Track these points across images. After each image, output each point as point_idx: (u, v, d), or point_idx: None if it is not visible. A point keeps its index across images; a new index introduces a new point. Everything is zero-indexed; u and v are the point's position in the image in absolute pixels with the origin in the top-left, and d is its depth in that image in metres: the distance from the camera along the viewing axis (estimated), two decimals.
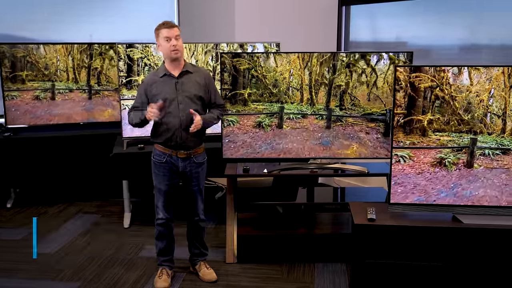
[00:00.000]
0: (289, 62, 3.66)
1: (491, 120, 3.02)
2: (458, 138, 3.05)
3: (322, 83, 3.67)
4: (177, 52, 3.18)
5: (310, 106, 3.70)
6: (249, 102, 3.69)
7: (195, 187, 3.41)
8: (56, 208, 4.91)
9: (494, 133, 3.02)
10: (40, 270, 3.66)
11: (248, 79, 3.67)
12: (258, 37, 4.81)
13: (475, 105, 3.03)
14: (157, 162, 3.33)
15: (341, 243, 3.81)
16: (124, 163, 4.24)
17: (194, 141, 3.30)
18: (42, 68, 4.78)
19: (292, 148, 3.74)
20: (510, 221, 3.00)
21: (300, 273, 3.62)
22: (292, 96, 3.69)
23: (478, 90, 3.02)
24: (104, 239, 4.19)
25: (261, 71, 3.66)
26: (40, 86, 4.82)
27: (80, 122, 4.96)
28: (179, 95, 3.22)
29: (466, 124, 3.04)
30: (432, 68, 3.03)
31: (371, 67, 3.65)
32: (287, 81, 3.67)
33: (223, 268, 3.68)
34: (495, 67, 2.99)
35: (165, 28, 3.18)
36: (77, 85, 4.92)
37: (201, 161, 3.39)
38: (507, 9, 4.05)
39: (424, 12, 4.68)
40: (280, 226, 3.93)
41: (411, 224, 3.03)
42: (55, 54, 4.80)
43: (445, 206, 3.10)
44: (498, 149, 3.02)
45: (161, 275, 3.45)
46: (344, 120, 3.70)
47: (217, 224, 4.47)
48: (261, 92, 3.68)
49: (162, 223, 3.39)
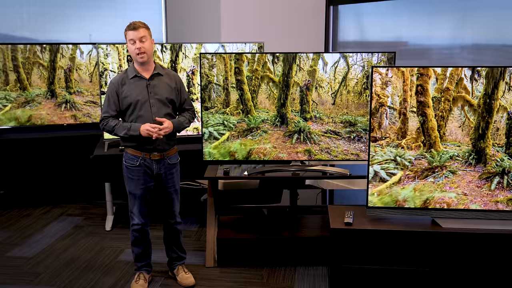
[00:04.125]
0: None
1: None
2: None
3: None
4: (143, 56, 3.09)
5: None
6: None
7: (171, 189, 3.34)
8: (40, 210, 4.86)
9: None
10: (17, 274, 3.61)
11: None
12: (246, 37, 4.76)
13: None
14: (130, 166, 3.25)
15: (323, 246, 3.74)
16: (104, 165, 4.19)
17: (167, 143, 3.24)
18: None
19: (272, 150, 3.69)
20: (489, 225, 2.94)
21: (280, 277, 3.56)
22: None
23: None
24: (84, 242, 4.14)
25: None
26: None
27: (64, 124, 4.91)
28: (151, 97, 3.16)
29: None
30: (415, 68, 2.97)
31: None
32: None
33: (202, 272, 3.62)
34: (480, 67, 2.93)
35: (129, 30, 3.07)
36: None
37: (174, 162, 3.33)
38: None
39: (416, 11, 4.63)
40: (263, 229, 3.87)
41: (389, 228, 2.97)
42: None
43: (423, 209, 3.03)
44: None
45: (138, 280, 3.39)
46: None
47: (200, 227, 4.41)
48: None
49: (138, 229, 3.32)
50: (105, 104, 3.22)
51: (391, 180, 3.02)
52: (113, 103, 3.18)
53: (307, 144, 3.61)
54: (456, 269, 2.94)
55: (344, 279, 3.03)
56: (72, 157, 4.87)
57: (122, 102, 3.15)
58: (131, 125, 3.13)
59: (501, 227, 2.91)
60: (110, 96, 3.18)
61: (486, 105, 2.93)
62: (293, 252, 3.75)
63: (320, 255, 3.73)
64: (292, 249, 3.76)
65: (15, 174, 4.81)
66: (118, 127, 3.16)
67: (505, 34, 4.02)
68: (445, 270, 2.95)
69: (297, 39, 5.16)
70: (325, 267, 3.67)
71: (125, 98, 3.14)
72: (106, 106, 3.20)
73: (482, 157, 2.98)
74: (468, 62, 4.17)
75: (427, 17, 4.57)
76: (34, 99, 4.78)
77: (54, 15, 5.10)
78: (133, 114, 3.15)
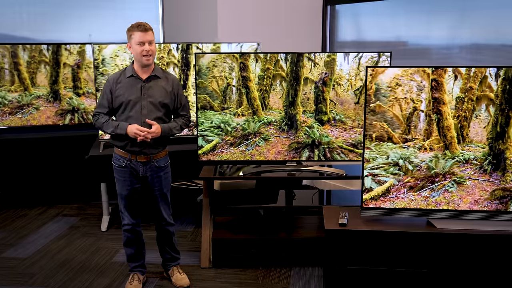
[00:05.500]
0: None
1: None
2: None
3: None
4: (149, 59, 3.08)
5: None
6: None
7: (157, 192, 3.30)
8: (35, 210, 4.85)
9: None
10: (11, 275, 3.60)
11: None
12: (242, 37, 4.74)
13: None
14: (117, 167, 3.24)
15: (319, 246, 3.72)
16: (100, 165, 4.17)
17: (154, 147, 3.20)
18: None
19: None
20: (484, 226, 2.92)
21: (276, 278, 3.54)
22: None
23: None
24: (80, 243, 4.12)
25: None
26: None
27: (60, 124, 4.90)
28: (143, 99, 3.13)
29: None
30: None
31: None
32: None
33: (197, 272, 3.61)
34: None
35: (139, 31, 3.04)
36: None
37: (163, 165, 3.29)
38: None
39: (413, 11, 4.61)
40: (259, 229, 3.85)
41: (383, 229, 2.95)
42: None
43: (418, 210, 3.01)
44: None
45: (132, 281, 3.37)
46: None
47: (196, 228, 4.39)
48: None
49: (128, 229, 3.31)
50: (99, 100, 3.24)
51: (376, 191, 2.97)
52: (106, 100, 3.17)
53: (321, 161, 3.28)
54: (452, 270, 2.91)
55: (339, 280, 3.01)
56: (68, 157, 4.85)
57: (115, 101, 3.13)
58: (119, 124, 3.12)
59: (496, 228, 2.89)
60: (104, 93, 3.18)
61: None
62: (289, 253, 3.73)
63: (315, 256, 3.70)
64: (288, 250, 3.73)
65: (11, 174, 4.80)
66: (106, 124, 3.16)
67: (504, 34, 4.00)
68: (441, 271, 2.93)
69: (294, 39, 5.13)
70: (320, 267, 3.65)
71: (117, 97, 3.13)
72: (100, 103, 3.21)
73: (501, 162, 2.82)
74: (467, 62, 4.14)
75: (425, 17, 4.54)
76: (32, 103, 4.71)
77: (54, 15, 5.08)
78: (123, 114, 3.13)
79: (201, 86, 3.51)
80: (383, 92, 2.90)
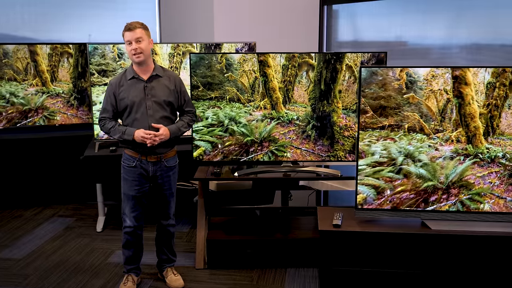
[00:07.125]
0: None
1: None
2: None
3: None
4: (139, 56, 3.06)
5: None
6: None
7: (167, 191, 3.31)
8: (31, 211, 4.83)
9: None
10: (6, 276, 3.58)
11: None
12: (239, 37, 4.73)
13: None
14: (126, 167, 3.22)
15: (314, 247, 3.71)
16: (95, 166, 4.15)
17: (163, 147, 3.19)
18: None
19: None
20: (478, 227, 2.91)
21: (271, 279, 3.53)
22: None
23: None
24: (75, 244, 4.11)
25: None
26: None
27: (56, 124, 4.88)
28: (147, 100, 3.12)
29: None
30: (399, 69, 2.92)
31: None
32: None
33: (191, 274, 3.59)
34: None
35: (126, 31, 3.05)
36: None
37: (172, 165, 3.29)
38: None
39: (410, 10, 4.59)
40: (254, 230, 3.83)
41: (377, 230, 2.93)
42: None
43: (413, 211, 3.00)
44: None
45: (126, 282, 3.36)
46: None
47: (191, 228, 4.38)
48: None
49: (130, 231, 3.29)
50: (103, 104, 3.22)
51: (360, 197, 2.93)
52: (110, 104, 3.16)
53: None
54: (446, 271, 2.90)
55: (334, 281, 3.00)
56: (64, 157, 4.84)
57: (119, 104, 3.13)
58: (126, 129, 3.10)
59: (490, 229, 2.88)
60: (108, 97, 3.16)
61: None
62: (284, 254, 3.72)
63: (311, 257, 3.69)
64: (283, 251, 3.72)
65: (6, 175, 4.78)
66: (113, 130, 3.15)
67: (501, 33, 3.99)
68: (435, 272, 2.91)
69: (290, 39, 5.12)
70: (316, 268, 3.64)
71: (122, 100, 3.12)
72: (104, 107, 3.20)
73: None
74: (465, 62, 4.13)
75: (421, 16, 4.53)
76: (44, 106, 4.47)
77: (54, 15, 5.08)
78: (129, 117, 3.13)
79: (230, 79, 3.43)
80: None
